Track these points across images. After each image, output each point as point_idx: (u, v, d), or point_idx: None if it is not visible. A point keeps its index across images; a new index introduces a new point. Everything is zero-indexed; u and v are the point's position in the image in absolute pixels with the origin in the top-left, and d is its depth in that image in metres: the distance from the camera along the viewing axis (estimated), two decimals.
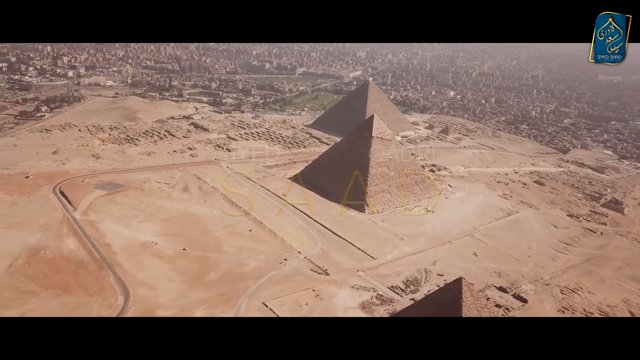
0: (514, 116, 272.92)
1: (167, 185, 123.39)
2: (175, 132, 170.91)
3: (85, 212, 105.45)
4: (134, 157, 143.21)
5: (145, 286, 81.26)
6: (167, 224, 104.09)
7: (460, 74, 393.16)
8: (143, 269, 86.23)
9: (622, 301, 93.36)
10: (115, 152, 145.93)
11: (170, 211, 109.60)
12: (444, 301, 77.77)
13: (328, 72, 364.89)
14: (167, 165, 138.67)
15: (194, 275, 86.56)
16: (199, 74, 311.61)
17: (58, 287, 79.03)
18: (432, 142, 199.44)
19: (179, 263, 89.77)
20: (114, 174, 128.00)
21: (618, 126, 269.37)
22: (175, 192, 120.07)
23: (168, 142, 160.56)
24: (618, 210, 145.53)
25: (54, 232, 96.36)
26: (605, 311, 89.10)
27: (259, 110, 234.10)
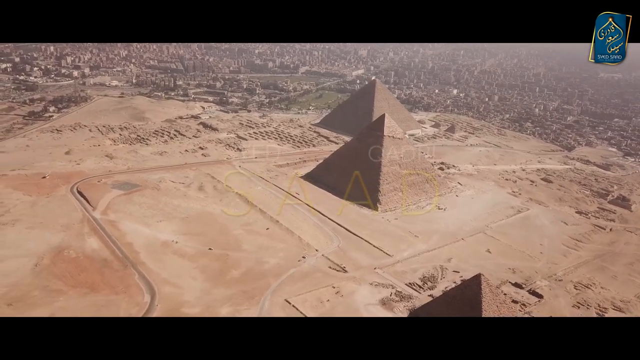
0: (517, 114, 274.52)
1: (182, 185, 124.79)
2: (185, 132, 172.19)
3: (104, 211, 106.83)
4: (147, 156, 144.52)
5: (169, 284, 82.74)
6: (186, 223, 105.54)
7: (463, 72, 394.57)
8: (166, 268, 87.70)
9: (635, 296, 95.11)
10: (127, 152, 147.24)
11: (187, 210, 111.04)
12: (463, 297, 79.50)
13: (331, 70, 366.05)
14: (180, 165, 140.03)
15: (216, 273, 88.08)
16: (203, 73, 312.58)
17: (85, 286, 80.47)
18: (439, 140, 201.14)
19: (201, 261, 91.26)
20: (129, 174, 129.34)
21: (621, 123, 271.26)
22: (191, 192, 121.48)
23: (179, 141, 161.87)
24: (625, 207, 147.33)
25: (76, 231, 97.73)
26: (619, 306, 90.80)
27: (265, 109, 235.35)
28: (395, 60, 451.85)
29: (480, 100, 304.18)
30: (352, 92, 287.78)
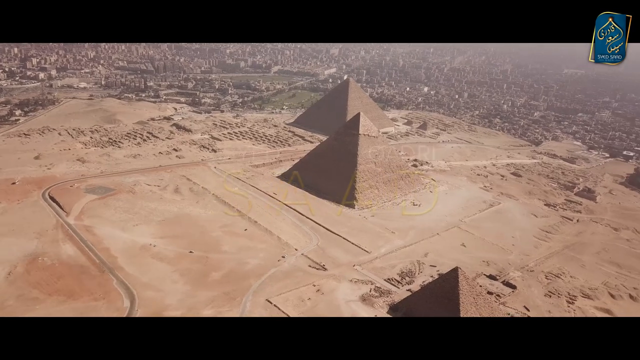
0: (487, 110, 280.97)
1: (158, 188, 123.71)
2: (158, 134, 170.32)
3: (79, 217, 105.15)
4: (120, 159, 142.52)
5: (150, 288, 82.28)
6: (163, 226, 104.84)
7: (433, 70, 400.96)
8: (146, 272, 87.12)
9: (602, 284, 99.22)
10: (100, 156, 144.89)
11: (164, 213, 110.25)
12: (441, 290, 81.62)
13: (303, 70, 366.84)
14: (154, 167, 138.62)
15: (197, 275, 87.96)
16: (174, 73, 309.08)
17: (62, 293, 79.30)
18: (411, 138, 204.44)
19: (181, 264, 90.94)
20: (103, 178, 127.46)
21: (585, 118, 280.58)
22: (167, 194, 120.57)
23: (152, 143, 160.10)
24: (591, 199, 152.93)
25: (50, 238, 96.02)
26: (588, 294, 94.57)
27: (238, 109, 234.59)
28: (367, 58, 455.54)
29: (451, 97, 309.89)
30: (325, 91, 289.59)
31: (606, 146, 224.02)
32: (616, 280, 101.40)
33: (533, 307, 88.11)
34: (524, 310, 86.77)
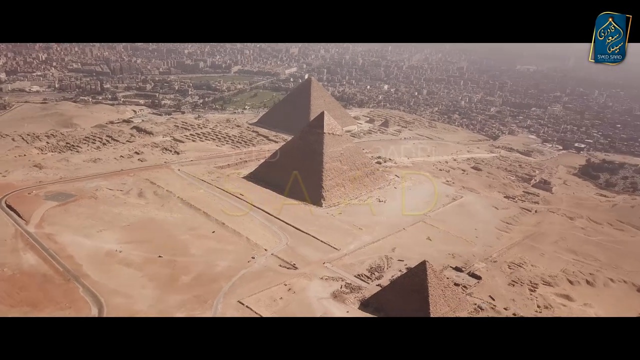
0: (445, 107, 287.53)
1: (121, 192, 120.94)
2: (118, 137, 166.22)
3: (39, 224, 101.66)
4: (80, 164, 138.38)
5: (119, 295, 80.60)
6: (129, 231, 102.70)
7: (392, 68, 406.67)
8: (113, 278, 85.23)
9: (560, 271, 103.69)
10: (58, 161, 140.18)
11: (129, 218, 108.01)
12: (411, 284, 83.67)
13: (264, 69, 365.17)
14: (116, 171, 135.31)
15: (166, 279, 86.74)
16: (131, 75, 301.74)
17: (26, 304, 76.67)
18: (374, 135, 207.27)
19: (149, 269, 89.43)
20: (62, 184, 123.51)
21: (538, 112, 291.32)
22: (130, 199, 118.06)
23: (112, 147, 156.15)
24: (547, 190, 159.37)
25: (9, 247, 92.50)
26: (548, 281, 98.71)
27: (200, 110, 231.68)
28: (327, 57, 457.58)
29: (410, 94, 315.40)
30: (286, 90, 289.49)
31: (559, 139, 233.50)
32: (573, 267, 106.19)
33: (498, 296, 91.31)
34: (489, 300, 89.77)
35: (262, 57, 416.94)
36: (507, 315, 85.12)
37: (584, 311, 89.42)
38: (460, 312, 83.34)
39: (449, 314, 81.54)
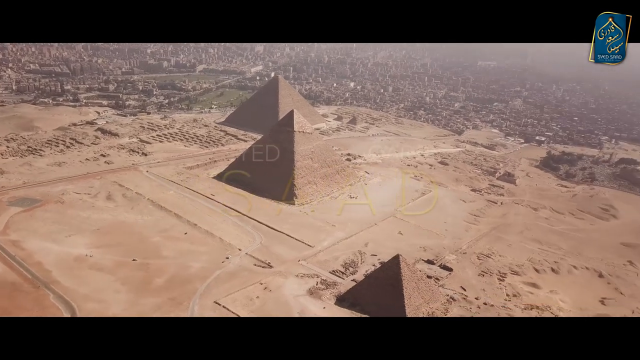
0: (411, 103, 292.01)
1: (89, 196, 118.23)
2: (82, 140, 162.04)
3: (3, 231, 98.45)
4: (43, 169, 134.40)
5: (91, 300, 79.10)
6: (99, 235, 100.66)
7: (357, 65, 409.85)
8: (84, 283, 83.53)
9: (527, 260, 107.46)
10: (20, 165, 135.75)
11: (98, 222, 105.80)
12: (385, 278, 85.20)
13: (229, 68, 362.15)
14: (82, 175, 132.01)
15: (140, 283, 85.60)
16: (92, 75, 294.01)
17: None
18: (343, 133, 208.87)
19: (121, 273, 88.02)
20: (26, 189, 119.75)
21: (500, 107, 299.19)
22: (99, 202, 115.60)
23: (77, 150, 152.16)
24: (511, 182, 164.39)
25: None
26: (516, 270, 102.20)
27: (166, 110, 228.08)
28: (292, 55, 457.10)
29: (376, 91, 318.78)
30: (253, 89, 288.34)
31: (521, 132, 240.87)
32: (539, 255, 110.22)
33: (469, 286, 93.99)
34: (461, 290, 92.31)
35: (227, 56, 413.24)
36: (478, 305, 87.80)
37: (550, 298, 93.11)
38: (433, 304, 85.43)
39: (423, 306, 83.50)
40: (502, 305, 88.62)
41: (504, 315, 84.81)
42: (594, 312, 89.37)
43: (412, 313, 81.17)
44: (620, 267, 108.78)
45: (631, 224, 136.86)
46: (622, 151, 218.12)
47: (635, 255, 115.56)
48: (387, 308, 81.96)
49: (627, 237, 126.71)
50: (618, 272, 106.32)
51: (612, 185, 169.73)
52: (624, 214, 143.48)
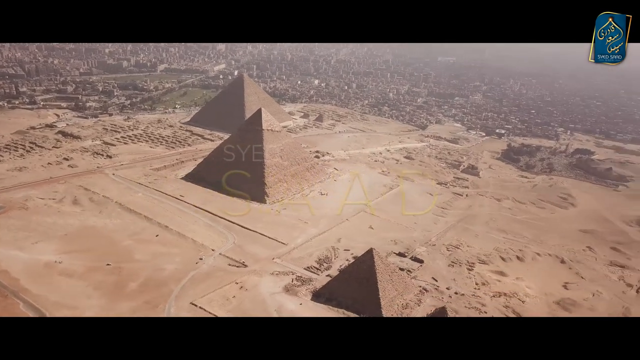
0: (375, 99, 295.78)
1: (54, 201, 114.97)
2: (42, 143, 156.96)
3: None
4: (3, 174, 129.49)
5: (63, 307, 77.37)
6: (67, 240, 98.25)
7: (320, 63, 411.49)
8: (55, 290, 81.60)
9: (493, 249, 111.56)
10: None
11: (65, 227, 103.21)
12: (359, 272, 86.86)
13: (191, 67, 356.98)
14: (45, 179, 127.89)
15: (113, 287, 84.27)
16: (49, 77, 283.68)
17: None
18: (310, 130, 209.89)
19: (93, 278, 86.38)
20: None
21: (461, 101, 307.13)
22: (65, 207, 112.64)
23: (38, 154, 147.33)
24: (475, 174, 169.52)
25: None
26: (484, 260, 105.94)
27: (128, 111, 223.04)
28: (255, 53, 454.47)
29: (341, 88, 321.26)
30: (217, 88, 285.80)
31: (482, 126, 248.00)
32: (504, 245, 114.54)
33: (440, 277, 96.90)
34: (432, 281, 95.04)
35: (189, 55, 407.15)
36: (449, 294, 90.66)
37: (517, 285, 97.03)
38: (406, 295, 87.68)
39: (397, 298, 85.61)
40: (472, 294, 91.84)
41: (475, 304, 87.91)
42: (559, 296, 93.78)
43: (387, 305, 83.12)
44: (580, 253, 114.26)
45: (588, 211, 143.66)
46: (577, 142, 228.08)
47: (593, 241, 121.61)
48: (363, 301, 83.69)
49: (585, 224, 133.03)
50: (578, 257, 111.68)
51: (569, 175, 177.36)
52: (581, 202, 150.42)
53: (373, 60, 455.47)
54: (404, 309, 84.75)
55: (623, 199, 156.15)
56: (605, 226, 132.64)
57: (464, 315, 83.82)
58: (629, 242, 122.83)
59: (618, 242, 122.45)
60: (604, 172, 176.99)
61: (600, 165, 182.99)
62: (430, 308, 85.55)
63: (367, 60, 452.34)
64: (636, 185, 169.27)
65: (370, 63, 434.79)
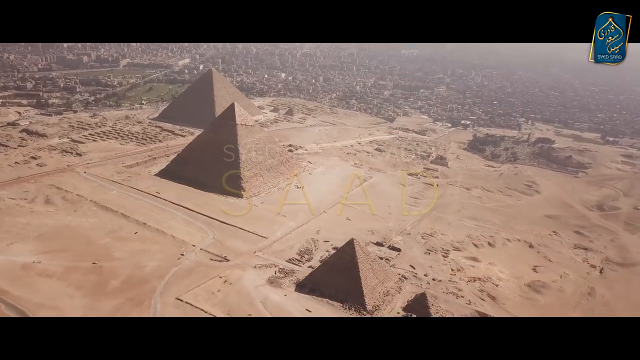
0: (342, 92, 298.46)
1: (25, 201, 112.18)
2: (6, 142, 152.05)
3: None
4: None
5: (45, 307, 76.31)
6: (43, 240, 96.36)
7: (286, 56, 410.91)
8: (35, 291, 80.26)
9: (466, 236, 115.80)
10: None
11: (40, 227, 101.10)
12: (341, 262, 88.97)
13: (155, 61, 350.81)
14: (13, 179, 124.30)
15: (94, 286, 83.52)
16: (6, 73, 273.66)
17: None
18: (281, 124, 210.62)
19: (73, 278, 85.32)
20: None
21: (426, 93, 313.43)
22: (37, 207, 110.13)
23: (3, 153, 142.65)
24: (444, 165, 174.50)
25: None
26: (457, 247, 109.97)
27: (93, 108, 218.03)
28: (219, 47, 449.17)
29: (308, 82, 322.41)
30: (182, 83, 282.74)
31: (447, 117, 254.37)
32: (476, 232, 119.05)
33: (417, 265, 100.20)
34: (410, 269, 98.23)
35: (152, 49, 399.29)
36: (428, 281, 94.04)
37: (490, 269, 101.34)
38: (387, 283, 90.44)
39: (378, 286, 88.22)
40: (448, 279, 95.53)
41: (452, 289, 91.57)
42: (529, 279, 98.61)
43: (369, 293, 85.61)
44: (546, 237, 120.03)
45: (551, 197, 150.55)
46: (538, 131, 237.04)
47: (558, 226, 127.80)
48: (346, 290, 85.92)
49: (549, 209, 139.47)
50: (545, 241, 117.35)
51: (533, 163, 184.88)
52: (545, 188, 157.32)
53: (338, 53, 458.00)
54: (386, 296, 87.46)
55: (583, 185, 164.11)
56: (568, 211, 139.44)
57: (443, 300, 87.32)
58: (590, 226, 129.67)
59: (581, 226, 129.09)
60: (565, 160, 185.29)
61: (560, 154, 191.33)
62: (410, 295, 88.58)
63: (332, 53, 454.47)
64: (594, 171, 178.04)
65: (336, 56, 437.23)
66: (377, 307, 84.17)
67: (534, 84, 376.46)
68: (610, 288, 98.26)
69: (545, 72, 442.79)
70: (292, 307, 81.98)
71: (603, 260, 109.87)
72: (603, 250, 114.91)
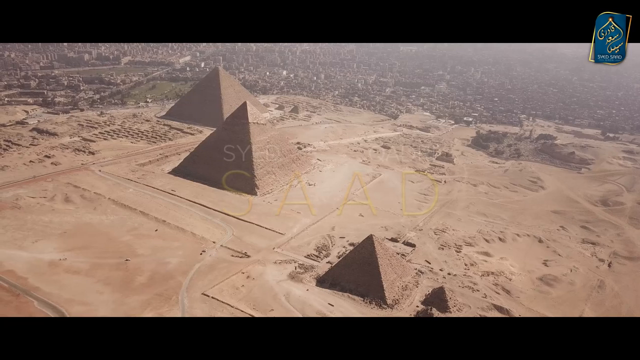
0: (345, 90, 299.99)
1: (45, 199, 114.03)
2: (18, 141, 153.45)
3: None
4: None
5: (77, 303, 78.58)
6: (66, 238, 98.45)
7: (286, 53, 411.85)
8: (65, 288, 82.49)
9: (477, 232, 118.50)
10: None
11: (63, 225, 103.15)
12: (361, 257, 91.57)
13: (156, 59, 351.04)
14: (30, 178, 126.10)
15: (122, 282, 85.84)
16: (8, 72, 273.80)
17: None
18: (287, 122, 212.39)
19: (100, 274, 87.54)
20: None
21: (427, 90, 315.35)
22: (57, 205, 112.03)
23: (17, 152, 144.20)
24: (450, 161, 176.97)
25: None
26: (469, 242, 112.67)
27: (98, 106, 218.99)
28: (219, 44, 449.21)
29: (309, 79, 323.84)
30: (185, 80, 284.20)
31: (450, 114, 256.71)
32: (486, 227, 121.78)
33: (432, 260, 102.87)
34: (426, 264, 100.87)
35: (152, 47, 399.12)
36: (443, 275, 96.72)
37: (502, 264, 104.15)
38: (405, 277, 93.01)
39: (397, 280, 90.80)
40: (463, 274, 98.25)
41: (467, 283, 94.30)
42: (540, 273, 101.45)
43: (389, 287, 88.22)
44: (554, 232, 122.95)
45: (556, 193, 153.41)
46: (539, 127, 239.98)
47: (565, 221, 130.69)
48: (366, 284, 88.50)
49: (555, 205, 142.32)
50: (554, 236, 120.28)
51: (536, 160, 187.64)
52: (549, 184, 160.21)
53: (337, 50, 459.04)
54: (404, 290, 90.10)
55: (586, 180, 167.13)
56: (573, 206, 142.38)
57: (459, 294, 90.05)
58: (596, 221, 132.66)
59: (587, 221, 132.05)
60: (567, 156, 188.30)
61: (563, 150, 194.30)
62: (427, 289, 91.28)
63: (331, 50, 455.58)
64: (597, 167, 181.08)
65: (335, 53, 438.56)
66: (397, 301, 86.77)
67: (532, 80, 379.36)
68: (619, 281, 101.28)
69: (541, 68, 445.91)
70: (314, 302, 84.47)
71: (611, 254, 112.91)
72: (610, 245, 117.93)
